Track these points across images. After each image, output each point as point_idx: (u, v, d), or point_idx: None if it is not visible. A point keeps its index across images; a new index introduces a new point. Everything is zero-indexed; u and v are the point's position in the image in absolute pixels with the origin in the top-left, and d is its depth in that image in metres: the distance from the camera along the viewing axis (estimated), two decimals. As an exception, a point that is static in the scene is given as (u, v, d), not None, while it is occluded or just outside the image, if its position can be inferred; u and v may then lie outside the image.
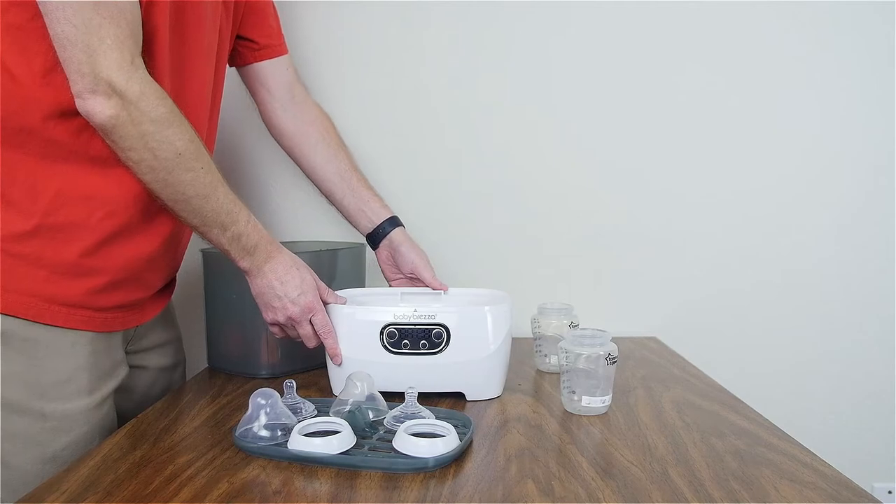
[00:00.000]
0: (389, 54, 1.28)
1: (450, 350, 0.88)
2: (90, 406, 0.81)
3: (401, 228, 1.07)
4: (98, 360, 0.82)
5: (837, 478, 0.65)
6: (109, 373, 0.84)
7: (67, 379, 0.78)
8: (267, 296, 0.87)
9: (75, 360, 0.79)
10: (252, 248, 0.84)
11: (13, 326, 0.74)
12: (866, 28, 1.24)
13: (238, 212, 0.82)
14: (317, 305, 0.88)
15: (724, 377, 1.01)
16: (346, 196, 1.06)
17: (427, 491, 0.62)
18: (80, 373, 0.79)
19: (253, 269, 0.86)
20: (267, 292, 0.87)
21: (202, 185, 0.77)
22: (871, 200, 1.27)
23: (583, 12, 1.26)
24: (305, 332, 0.89)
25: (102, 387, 0.83)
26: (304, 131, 1.07)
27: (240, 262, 0.85)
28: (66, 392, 0.78)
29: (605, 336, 0.84)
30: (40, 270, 0.75)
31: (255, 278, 0.87)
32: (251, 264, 0.86)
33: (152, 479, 0.64)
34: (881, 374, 1.29)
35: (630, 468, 0.67)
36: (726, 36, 1.26)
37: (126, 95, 0.69)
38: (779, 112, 1.27)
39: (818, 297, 1.29)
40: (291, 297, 0.86)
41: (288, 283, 0.86)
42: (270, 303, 0.87)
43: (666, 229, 1.30)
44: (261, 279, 0.86)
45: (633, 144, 1.29)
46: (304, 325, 0.88)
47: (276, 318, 0.88)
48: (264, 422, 0.72)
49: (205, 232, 0.81)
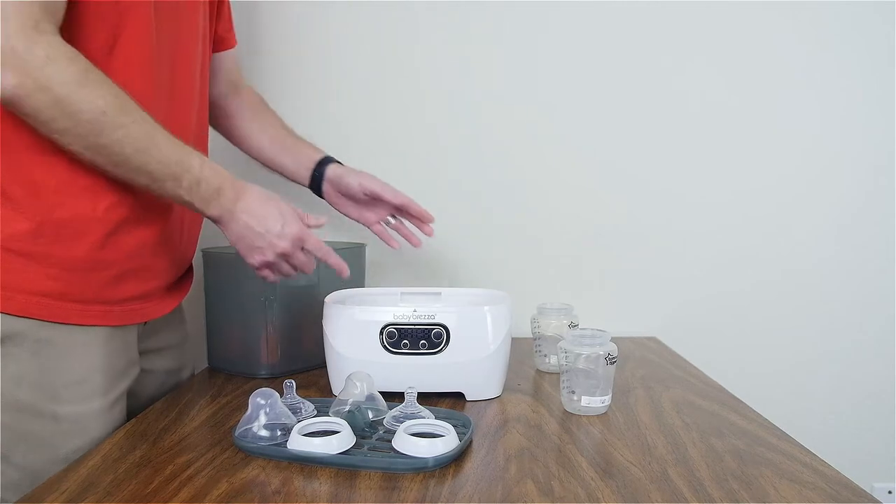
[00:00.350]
0: (389, 54, 1.28)
1: (449, 350, 0.88)
2: (104, 407, 0.79)
3: (336, 164, 1.05)
4: (113, 359, 0.80)
5: (837, 478, 0.65)
6: (124, 372, 0.83)
7: (82, 380, 0.77)
8: (248, 238, 0.82)
9: (90, 361, 0.78)
10: (216, 192, 0.78)
11: (25, 327, 0.72)
12: (866, 28, 1.24)
13: (188, 158, 0.76)
14: (304, 232, 0.84)
15: (723, 377, 1.01)
16: (283, 157, 1.06)
17: (427, 491, 0.62)
18: (94, 374, 0.78)
19: (224, 214, 0.80)
20: (247, 234, 0.81)
21: (138, 139, 0.71)
22: (871, 200, 1.27)
23: (584, 11, 1.26)
24: (301, 261, 0.85)
25: (117, 387, 0.81)
26: (242, 114, 1.08)
27: (208, 211, 0.79)
28: (80, 394, 0.77)
29: (605, 336, 0.84)
30: (51, 269, 0.73)
31: (229, 224, 0.81)
32: (221, 209, 0.79)
33: (152, 479, 0.64)
34: (881, 374, 1.29)
35: (630, 468, 0.67)
36: (726, 36, 1.26)
37: (29, 62, 0.64)
38: (779, 112, 1.27)
39: (818, 297, 1.29)
40: (276, 231, 0.82)
41: (268, 217, 0.81)
42: (254, 244, 0.82)
43: (666, 229, 1.30)
44: (236, 223, 0.81)
45: (634, 144, 1.29)
46: (297, 255, 0.84)
47: (264, 258, 0.83)
48: (264, 422, 0.72)
49: (159, 189, 0.75)
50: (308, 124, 1.30)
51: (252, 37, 1.26)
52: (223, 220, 0.81)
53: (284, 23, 1.27)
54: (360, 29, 1.27)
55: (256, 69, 1.26)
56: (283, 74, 1.28)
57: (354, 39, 1.28)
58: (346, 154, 1.32)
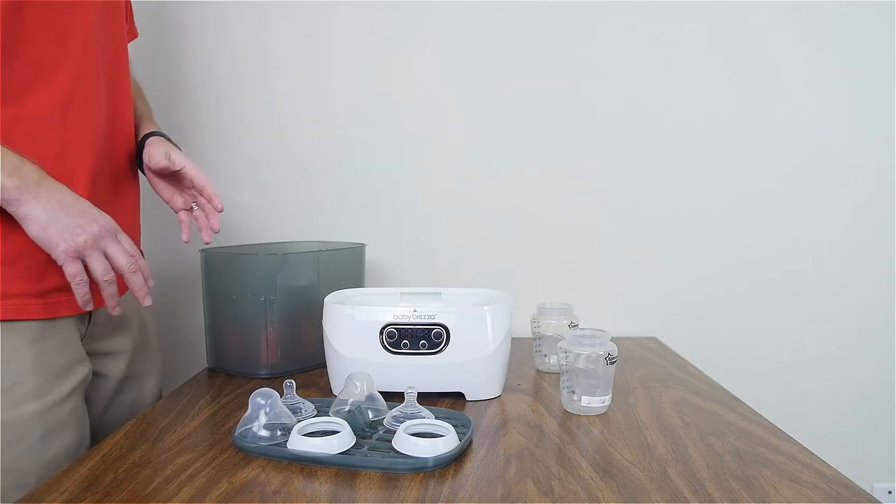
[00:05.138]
0: (389, 53, 1.28)
1: (449, 350, 0.88)
2: (41, 410, 0.74)
3: (158, 136, 0.93)
4: (45, 359, 0.76)
5: (837, 478, 0.65)
6: (63, 373, 0.78)
7: (11, 385, 0.73)
8: (62, 218, 0.71)
9: (17, 365, 0.73)
10: (18, 167, 0.70)
11: None
12: (867, 28, 1.24)
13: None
14: (118, 226, 0.77)
15: (724, 377, 1.01)
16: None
17: (426, 491, 0.62)
18: (24, 377, 0.74)
19: (25, 192, 0.69)
20: (59, 213, 0.71)
21: None
22: (871, 201, 1.27)
23: (585, 11, 1.26)
24: (116, 248, 0.76)
25: (55, 388, 0.76)
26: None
27: (5, 191, 0.68)
28: (10, 399, 0.72)
29: (605, 336, 0.84)
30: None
31: (33, 203, 0.70)
32: (20, 183, 0.69)
33: (152, 479, 0.64)
34: (881, 374, 1.29)
35: (629, 468, 0.67)
36: (726, 36, 1.26)
37: None
38: (779, 114, 1.27)
39: (818, 297, 1.29)
40: (92, 212, 0.74)
41: (78, 197, 0.74)
42: (72, 222, 0.72)
43: (666, 229, 1.30)
44: (43, 203, 0.70)
45: (633, 145, 1.29)
46: (112, 242, 0.76)
47: (77, 239, 0.72)
48: (264, 422, 0.72)
49: None
50: (307, 123, 1.31)
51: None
52: (23, 198, 0.70)
53: (292, 25, 1.27)
54: (360, 28, 1.28)
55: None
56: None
57: (354, 37, 1.28)
58: (347, 153, 1.33)
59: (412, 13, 1.26)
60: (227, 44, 1.28)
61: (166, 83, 1.28)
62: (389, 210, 1.30)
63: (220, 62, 1.28)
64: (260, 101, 1.29)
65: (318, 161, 1.30)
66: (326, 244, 1.17)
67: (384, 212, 1.30)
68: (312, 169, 1.30)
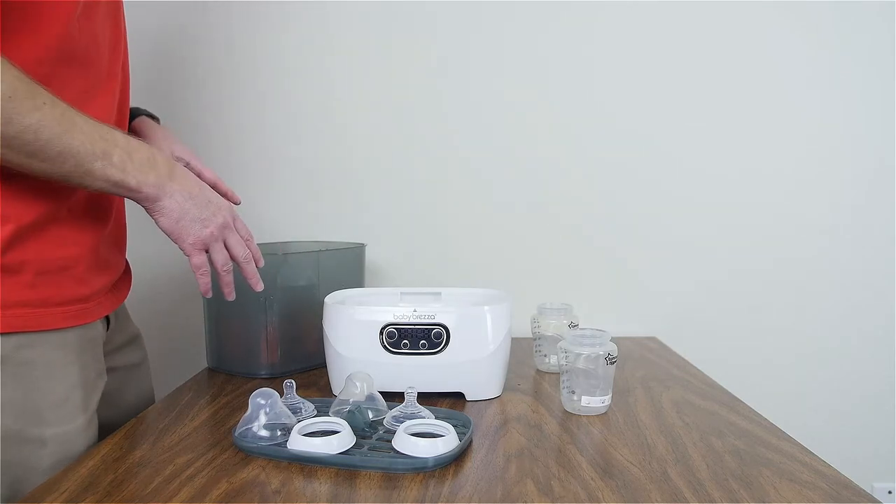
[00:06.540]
0: (390, 53, 1.28)
1: (449, 350, 0.88)
2: (85, 424, 0.75)
3: (146, 116, 0.92)
4: (87, 373, 0.76)
5: (837, 478, 0.65)
6: (95, 384, 0.78)
7: (65, 399, 0.72)
8: (192, 210, 0.72)
9: (69, 379, 0.73)
10: (150, 162, 0.69)
11: (10, 350, 0.67)
12: (867, 28, 1.24)
13: (110, 132, 0.66)
14: (233, 207, 0.78)
15: (723, 377, 1.01)
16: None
17: (426, 491, 0.62)
18: (74, 391, 0.73)
19: (165, 185, 0.70)
20: (190, 206, 0.72)
21: (57, 121, 0.62)
22: (871, 202, 1.27)
23: (588, 10, 1.26)
24: (235, 239, 0.78)
25: (93, 401, 0.77)
26: None
27: (146, 184, 0.69)
28: (65, 413, 0.72)
29: (605, 336, 0.84)
30: (24, 275, 0.67)
31: (168, 198, 0.71)
32: (158, 180, 0.69)
33: (152, 479, 0.64)
34: (881, 374, 1.29)
35: (629, 468, 0.67)
36: (726, 36, 1.26)
37: None
38: (779, 114, 1.27)
39: (818, 297, 1.29)
40: (215, 200, 0.74)
41: (201, 183, 0.73)
42: (200, 215, 0.73)
43: (666, 229, 1.30)
44: (178, 196, 0.71)
45: (633, 145, 1.29)
46: (232, 233, 0.77)
47: (210, 229, 0.74)
48: (264, 422, 0.72)
49: (88, 175, 0.65)
50: (307, 123, 1.31)
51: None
52: (161, 194, 0.70)
53: (292, 26, 1.27)
54: (360, 28, 1.27)
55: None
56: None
57: (354, 38, 1.28)
58: (348, 152, 1.33)
59: (412, 13, 1.26)
60: (227, 44, 1.28)
61: (165, 83, 1.28)
62: (389, 210, 1.30)
63: (220, 62, 1.28)
64: (260, 101, 1.29)
65: (318, 161, 1.30)
66: (326, 244, 1.17)
67: (384, 212, 1.30)
68: (312, 169, 1.30)
